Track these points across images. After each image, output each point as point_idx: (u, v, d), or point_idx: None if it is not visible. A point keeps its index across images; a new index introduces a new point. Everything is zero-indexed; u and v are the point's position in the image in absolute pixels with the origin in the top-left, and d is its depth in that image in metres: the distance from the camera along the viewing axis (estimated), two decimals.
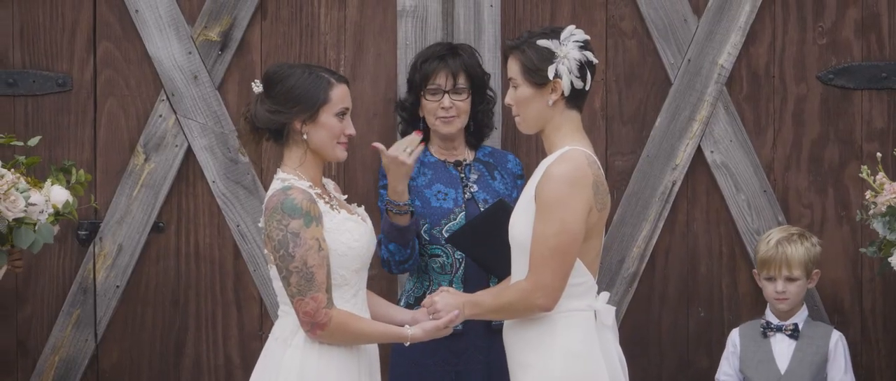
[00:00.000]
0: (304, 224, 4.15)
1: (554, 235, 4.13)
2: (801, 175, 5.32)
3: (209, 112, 5.34)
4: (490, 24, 5.27)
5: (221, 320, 5.42)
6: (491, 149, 5.05)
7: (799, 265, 4.97)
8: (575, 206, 4.14)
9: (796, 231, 5.05)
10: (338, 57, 5.35)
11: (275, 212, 4.18)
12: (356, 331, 4.23)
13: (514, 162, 5.04)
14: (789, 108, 5.32)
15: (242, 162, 5.34)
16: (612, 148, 5.35)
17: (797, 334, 5.01)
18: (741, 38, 5.27)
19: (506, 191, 4.93)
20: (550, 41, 4.23)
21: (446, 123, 4.87)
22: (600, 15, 5.33)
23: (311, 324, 4.18)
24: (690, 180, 5.33)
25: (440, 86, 4.85)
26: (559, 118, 4.26)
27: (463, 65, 4.87)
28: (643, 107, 5.34)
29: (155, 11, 5.32)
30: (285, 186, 4.23)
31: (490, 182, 4.94)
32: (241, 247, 5.36)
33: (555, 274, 4.16)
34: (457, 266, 4.83)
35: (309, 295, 4.16)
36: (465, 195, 4.89)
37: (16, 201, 4.61)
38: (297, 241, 4.14)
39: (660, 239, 5.33)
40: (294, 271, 4.16)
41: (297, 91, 4.26)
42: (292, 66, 4.33)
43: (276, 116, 4.26)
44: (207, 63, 5.34)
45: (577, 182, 4.15)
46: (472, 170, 4.94)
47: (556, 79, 4.23)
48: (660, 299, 5.38)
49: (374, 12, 5.35)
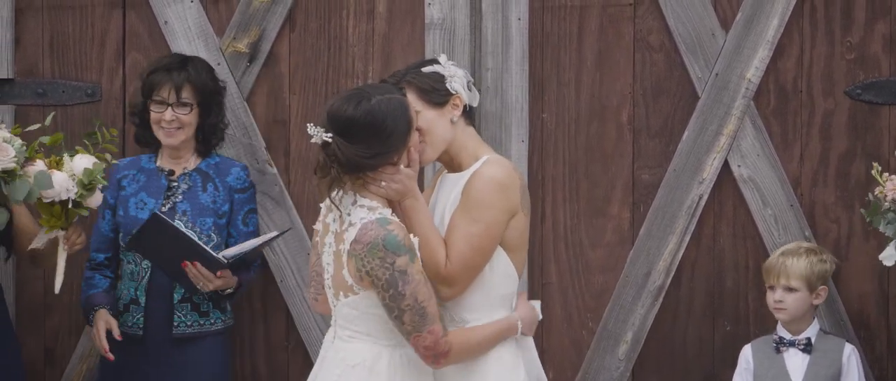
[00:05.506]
0: (410, 260, 4.05)
1: (477, 235, 4.16)
2: (828, 190, 5.32)
3: (237, 123, 5.35)
4: (518, 36, 5.28)
5: (248, 330, 5.43)
6: (219, 158, 5.14)
7: (798, 277, 4.98)
8: (501, 208, 4.18)
9: (807, 246, 5.07)
10: (365, 69, 5.36)
11: (375, 249, 4.04)
12: (476, 342, 4.20)
13: (237, 176, 5.12)
14: (817, 122, 5.31)
15: (270, 173, 5.36)
16: (638, 162, 5.35)
17: (810, 348, 5.01)
18: (769, 52, 5.26)
19: (213, 205, 5.04)
20: (434, 66, 4.30)
21: (168, 135, 5.00)
22: (628, 29, 5.33)
23: (435, 356, 4.12)
24: (717, 195, 5.33)
25: (164, 98, 4.98)
26: (462, 135, 4.29)
27: (188, 79, 4.99)
28: (670, 121, 5.35)
29: (184, 22, 5.34)
30: (382, 220, 4.08)
31: (199, 194, 5.05)
32: (268, 258, 5.38)
33: (473, 273, 4.19)
34: (143, 275, 5.02)
35: (425, 329, 4.08)
36: (163, 207, 4.99)
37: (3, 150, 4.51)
38: (406, 278, 4.04)
39: (686, 253, 5.33)
40: (407, 309, 4.07)
41: (389, 126, 4.08)
42: (364, 98, 4.08)
43: (377, 158, 4.08)
44: (236, 74, 5.36)
45: (506, 186, 4.20)
46: (184, 180, 5.04)
47: (457, 94, 4.27)
48: (686, 313, 5.38)
49: (403, 25, 5.36)
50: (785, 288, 5.00)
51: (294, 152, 5.39)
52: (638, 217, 5.35)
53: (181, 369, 5.01)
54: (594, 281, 5.38)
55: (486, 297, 4.24)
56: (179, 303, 5.00)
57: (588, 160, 5.36)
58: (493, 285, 4.24)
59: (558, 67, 5.34)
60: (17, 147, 4.56)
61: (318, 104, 5.34)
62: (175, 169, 5.07)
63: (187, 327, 5.02)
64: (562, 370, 5.38)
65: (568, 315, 5.39)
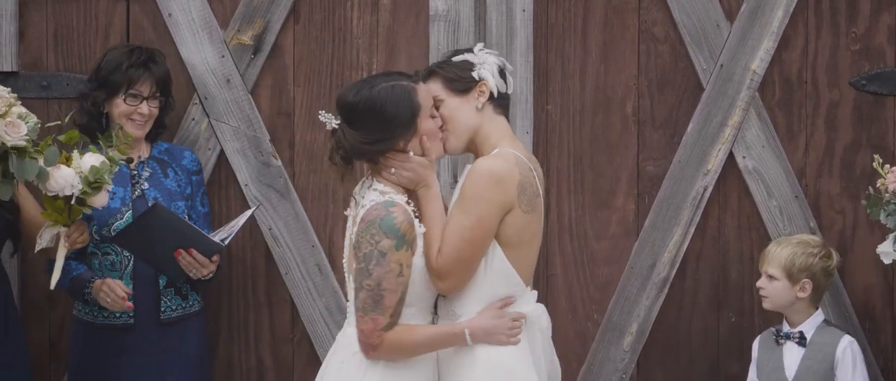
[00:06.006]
0: (395, 247, 4.08)
1: (469, 227, 4.14)
2: (833, 181, 5.31)
3: (242, 116, 5.35)
4: (522, 27, 5.27)
5: (253, 322, 5.43)
6: (167, 146, 5.20)
7: (778, 266, 4.97)
8: (494, 201, 4.14)
9: (800, 238, 5.05)
10: (370, 61, 5.35)
11: (371, 226, 4.10)
12: (411, 343, 4.16)
13: (191, 158, 5.19)
14: (822, 113, 5.31)
15: (275, 165, 5.35)
16: (643, 153, 5.34)
17: (804, 341, 5.01)
18: (774, 43, 5.25)
19: (179, 188, 5.09)
20: (465, 55, 4.31)
21: (139, 127, 5.03)
22: (632, 20, 5.33)
23: (365, 344, 4.15)
24: (722, 186, 5.33)
25: (141, 92, 5.01)
26: (488, 126, 4.28)
27: (162, 73, 5.07)
28: (675, 112, 5.34)
29: (188, 15, 5.33)
30: (388, 202, 4.13)
31: (162, 180, 5.09)
32: (273, 250, 5.37)
33: (465, 267, 4.16)
34: (126, 263, 5.01)
35: (370, 315, 4.11)
36: (133, 193, 5.02)
37: (15, 126, 4.49)
38: (382, 261, 4.07)
39: (691, 244, 5.33)
40: (366, 287, 4.11)
41: (390, 112, 4.14)
42: (371, 85, 4.18)
43: (379, 144, 4.15)
44: (240, 67, 5.35)
45: (501, 180, 4.15)
46: (145, 167, 5.08)
47: (482, 80, 4.26)
48: (691, 305, 5.38)
49: (407, 16, 5.35)
50: (767, 275, 5.00)
51: (299, 145, 5.38)
52: (643, 209, 5.34)
53: (169, 353, 5.06)
54: (599, 273, 5.38)
55: (480, 294, 4.22)
56: (164, 289, 5.05)
57: (593, 152, 5.35)
58: (487, 283, 4.21)
59: (563, 59, 5.33)
60: (30, 125, 4.54)
61: (323, 96, 5.34)
62: (132, 157, 5.08)
63: (173, 311, 5.07)
64: (567, 362, 5.33)
65: (573, 307, 5.39)
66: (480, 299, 4.22)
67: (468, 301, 4.22)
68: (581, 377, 5.37)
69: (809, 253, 5.00)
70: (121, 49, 5.11)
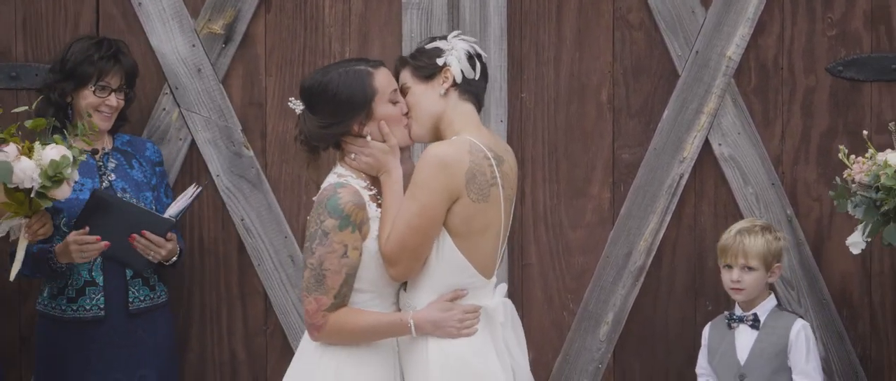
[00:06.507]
0: (339, 227, 4.06)
1: (414, 213, 4.09)
2: (809, 168, 5.28)
3: (213, 106, 5.29)
4: (496, 15, 5.22)
5: (226, 315, 5.38)
6: (129, 137, 5.18)
7: (756, 256, 4.93)
8: (437, 187, 4.08)
9: (760, 224, 5.03)
10: (342, 49, 5.30)
11: (319, 205, 4.10)
12: (354, 328, 4.13)
13: (153, 150, 5.17)
14: (798, 100, 5.27)
15: (246, 156, 5.30)
16: (619, 141, 5.30)
17: (758, 324, 4.98)
18: (749, 29, 5.21)
19: (145, 179, 5.07)
20: (437, 42, 4.27)
21: (106, 119, 5.00)
22: (607, 6, 5.28)
23: (309, 324, 4.14)
24: (698, 173, 5.29)
25: (110, 84, 4.98)
26: (452, 112, 4.22)
27: (130, 66, 5.05)
28: (650, 99, 5.30)
29: (158, 4, 5.28)
30: (339, 183, 4.13)
31: (128, 171, 5.06)
32: (245, 241, 5.32)
33: (411, 254, 4.10)
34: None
35: (313, 295, 4.10)
36: (101, 185, 4.99)
37: None
38: (325, 241, 4.06)
39: (667, 233, 5.29)
40: (309, 266, 4.10)
41: (342, 95, 4.13)
42: (326, 71, 4.20)
43: (332, 128, 4.15)
44: (211, 56, 5.30)
45: (448, 166, 4.09)
46: (110, 159, 5.05)
47: (446, 66, 4.21)
48: (667, 293, 5.34)
49: (379, 4, 5.30)
50: (743, 267, 4.96)
51: (271, 134, 5.33)
52: (618, 197, 5.30)
53: (138, 344, 5.02)
54: (574, 262, 5.34)
55: (432, 284, 4.16)
56: (132, 279, 5.01)
57: (568, 140, 5.31)
58: (440, 273, 4.15)
59: (537, 46, 5.29)
60: None
61: (295, 86, 5.24)
62: (97, 149, 5.04)
63: (141, 301, 5.03)
64: (542, 352, 5.33)
65: (548, 297, 5.35)
66: (433, 288, 4.17)
67: (421, 290, 4.18)
68: (557, 368, 5.33)
69: (776, 237, 5.00)
70: (86, 40, 5.05)
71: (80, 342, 4.98)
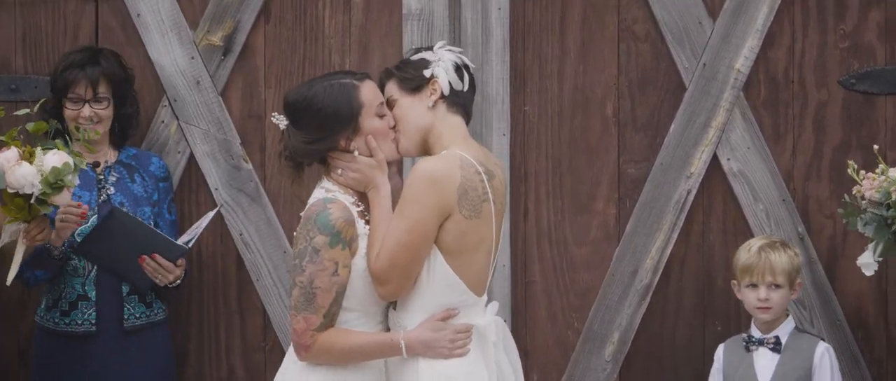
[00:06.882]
0: (329, 244, 3.96)
1: (404, 231, 3.98)
2: (822, 184, 5.13)
3: (212, 118, 5.23)
4: (498, 26, 5.13)
5: (224, 330, 5.31)
6: (136, 151, 5.09)
7: (782, 273, 4.80)
8: (428, 204, 3.97)
9: (778, 240, 4.90)
10: (342, 61, 5.23)
11: (308, 222, 4.00)
12: (343, 348, 4.02)
13: (158, 165, 5.08)
14: (809, 114, 5.13)
15: (245, 169, 5.24)
16: (624, 155, 5.19)
17: (779, 347, 4.83)
18: (759, 41, 5.08)
19: (145, 194, 4.98)
20: (423, 53, 4.17)
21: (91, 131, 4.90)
22: (612, 18, 5.17)
23: (297, 344, 4.04)
24: (706, 189, 5.16)
25: (80, 95, 4.89)
26: (440, 125, 4.11)
27: (103, 73, 4.91)
28: (657, 113, 5.18)
29: (157, 15, 5.23)
30: (328, 198, 4.03)
31: (129, 185, 4.98)
32: (243, 256, 5.26)
33: (401, 272, 3.99)
34: (89, 269, 4.91)
35: (302, 314, 3.99)
36: (99, 198, 4.91)
37: None
38: (315, 258, 3.96)
39: (674, 250, 5.17)
40: (298, 285, 3.99)
41: (327, 110, 4.03)
42: (309, 85, 4.10)
43: (317, 144, 4.05)
44: (210, 68, 5.24)
45: (439, 181, 3.97)
46: (111, 172, 4.97)
47: (433, 78, 4.10)
48: (674, 313, 5.21)
49: (380, 15, 5.22)
50: (770, 285, 4.81)
51: (270, 148, 5.25)
52: (624, 213, 5.18)
53: (132, 361, 4.95)
54: (579, 279, 5.23)
55: (423, 303, 4.05)
56: (128, 295, 4.95)
57: (572, 154, 5.20)
58: (430, 292, 4.04)
59: (540, 59, 5.19)
60: None
61: None
62: (98, 161, 4.98)
63: (136, 319, 4.97)
64: (546, 372, 5.22)
65: (552, 315, 5.24)
66: (424, 307, 4.06)
67: (412, 310, 4.07)
68: None
69: (795, 253, 4.89)
70: (71, 52, 5.02)
71: (74, 356, 4.93)
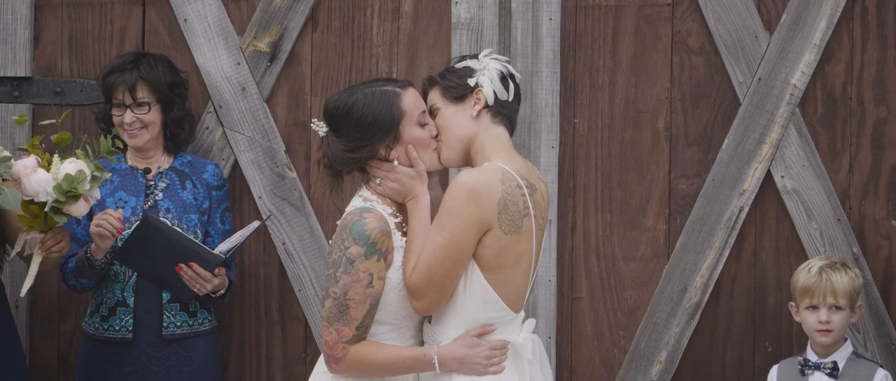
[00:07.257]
0: (365, 255, 3.87)
1: (442, 245, 3.88)
2: (878, 204, 5.01)
3: (257, 125, 5.17)
4: (549, 37, 5.04)
5: (265, 340, 5.25)
6: (191, 158, 5.02)
7: (844, 294, 4.67)
8: (468, 218, 3.87)
9: (838, 260, 4.77)
10: (390, 70, 5.16)
11: (343, 231, 3.92)
12: (375, 361, 3.93)
13: (213, 173, 5.01)
14: (867, 131, 5.02)
15: (289, 177, 5.17)
16: (675, 171, 5.08)
17: (837, 372, 4.69)
18: (816, 56, 4.97)
19: (195, 201, 4.91)
20: (468, 61, 4.08)
21: (132, 136, 4.88)
22: (666, 30, 5.07)
23: (328, 356, 3.95)
24: (759, 207, 5.05)
25: (121, 101, 4.86)
26: (484, 136, 4.01)
27: (141, 77, 4.86)
28: (710, 128, 5.07)
29: (204, 21, 5.18)
30: (365, 208, 3.95)
31: (178, 192, 4.92)
32: (286, 266, 5.19)
33: (438, 286, 3.89)
34: (129, 276, 4.87)
35: (335, 325, 3.91)
36: (145, 204, 4.85)
37: None
38: (350, 269, 3.87)
39: (725, 268, 5.06)
40: (332, 296, 3.91)
41: (368, 117, 3.94)
42: (350, 92, 4.01)
43: (357, 152, 3.96)
44: (256, 75, 5.18)
45: (479, 195, 3.88)
46: (162, 178, 4.92)
47: (478, 87, 4.01)
48: (724, 333, 5.10)
49: (428, 24, 5.14)
50: (831, 307, 4.68)
51: (315, 156, 5.18)
52: (674, 229, 5.09)
53: (172, 371, 4.88)
54: (627, 296, 5.12)
55: (459, 318, 3.96)
56: (168, 303, 4.89)
57: (622, 168, 5.10)
58: (467, 307, 3.95)
59: (591, 70, 5.10)
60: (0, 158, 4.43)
61: None
62: (150, 167, 4.95)
63: (177, 328, 4.90)
64: None
65: (599, 332, 5.13)
66: (459, 323, 3.97)
67: (447, 324, 3.98)
68: None
69: (856, 274, 4.77)
70: (116, 57, 4.99)
71: (113, 362, 4.89)
